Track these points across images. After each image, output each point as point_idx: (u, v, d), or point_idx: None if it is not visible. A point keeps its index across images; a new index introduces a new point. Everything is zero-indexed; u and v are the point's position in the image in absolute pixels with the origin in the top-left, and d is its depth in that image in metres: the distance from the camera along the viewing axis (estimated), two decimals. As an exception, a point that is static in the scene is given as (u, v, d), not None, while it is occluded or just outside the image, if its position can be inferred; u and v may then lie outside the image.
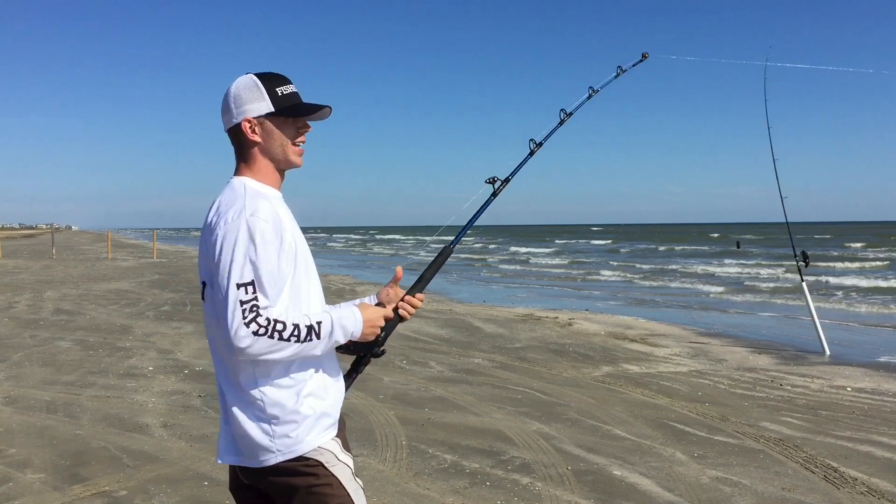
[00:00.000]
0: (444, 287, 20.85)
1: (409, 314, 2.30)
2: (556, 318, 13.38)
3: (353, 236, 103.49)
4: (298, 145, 2.11)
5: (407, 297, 2.30)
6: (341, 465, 2.03)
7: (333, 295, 15.19)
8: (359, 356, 2.26)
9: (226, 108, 2.09)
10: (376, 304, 2.34)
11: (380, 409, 6.58)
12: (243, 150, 2.10)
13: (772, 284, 22.19)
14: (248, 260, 1.89)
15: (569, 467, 5.08)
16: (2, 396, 7.00)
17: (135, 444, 5.55)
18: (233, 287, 1.87)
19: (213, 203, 2.05)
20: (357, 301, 2.39)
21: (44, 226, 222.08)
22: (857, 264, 31.62)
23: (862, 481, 4.85)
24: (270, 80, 2.08)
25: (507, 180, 2.74)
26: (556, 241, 67.54)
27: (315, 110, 2.11)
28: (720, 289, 21.10)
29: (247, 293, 1.88)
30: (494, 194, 2.69)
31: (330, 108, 2.12)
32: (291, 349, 1.93)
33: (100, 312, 13.49)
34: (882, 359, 9.60)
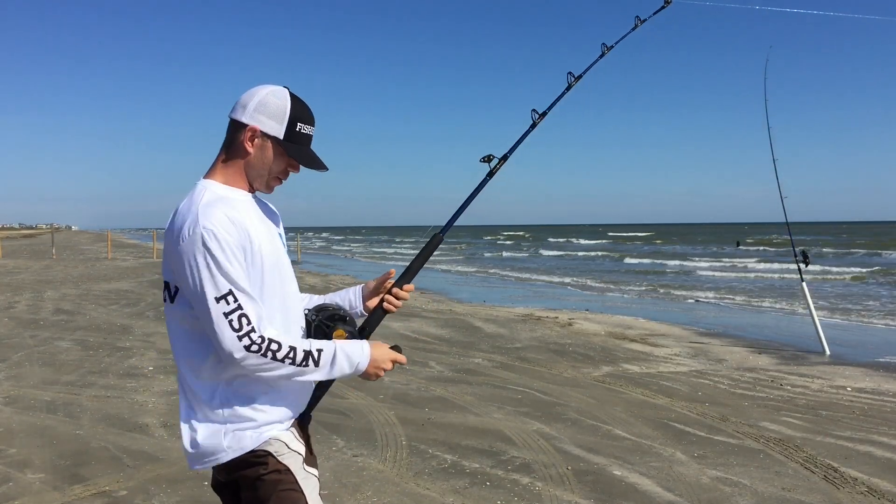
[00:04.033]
0: (444, 287, 20.84)
1: (395, 307, 2.27)
2: (556, 318, 13.38)
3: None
4: (279, 179, 2.09)
5: (394, 290, 2.27)
6: (291, 454, 2.04)
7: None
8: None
9: (245, 103, 2.03)
10: (365, 299, 2.33)
11: (380, 409, 6.58)
12: (231, 148, 2.05)
13: (771, 284, 22.18)
14: (215, 271, 1.88)
15: (569, 467, 5.08)
16: (2, 396, 7.00)
17: (135, 444, 5.55)
18: (212, 302, 1.87)
19: (176, 208, 2.01)
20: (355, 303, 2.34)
21: (44, 226, 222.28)
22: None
23: (862, 481, 4.85)
24: (299, 111, 2.04)
25: (504, 157, 2.52)
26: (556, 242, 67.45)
27: (313, 165, 2.09)
28: (720, 288, 21.09)
29: (228, 304, 1.87)
30: (491, 174, 2.49)
31: (326, 168, 2.11)
32: (285, 370, 1.94)
33: (100, 312, 13.48)
34: (882, 359, 9.61)
